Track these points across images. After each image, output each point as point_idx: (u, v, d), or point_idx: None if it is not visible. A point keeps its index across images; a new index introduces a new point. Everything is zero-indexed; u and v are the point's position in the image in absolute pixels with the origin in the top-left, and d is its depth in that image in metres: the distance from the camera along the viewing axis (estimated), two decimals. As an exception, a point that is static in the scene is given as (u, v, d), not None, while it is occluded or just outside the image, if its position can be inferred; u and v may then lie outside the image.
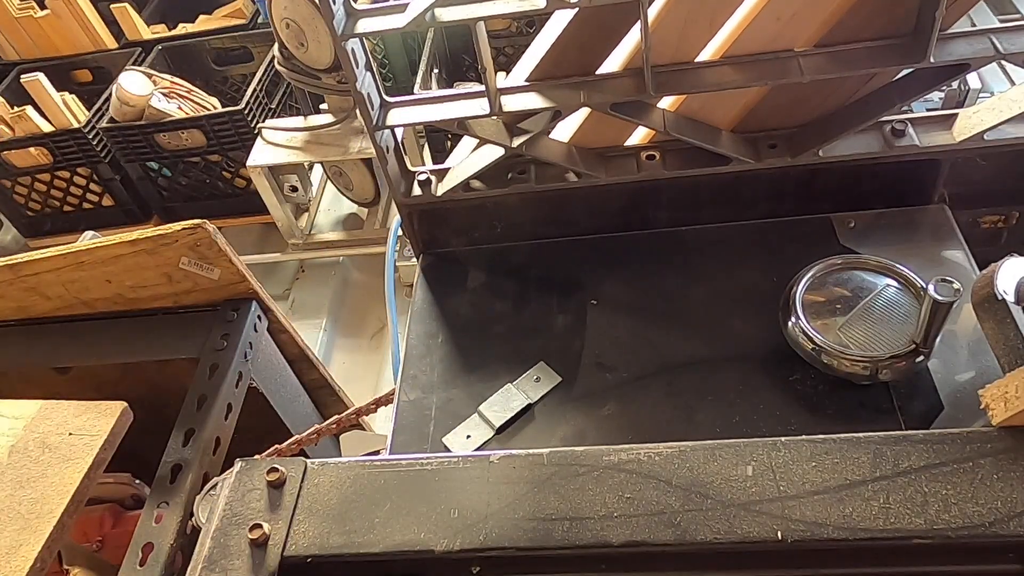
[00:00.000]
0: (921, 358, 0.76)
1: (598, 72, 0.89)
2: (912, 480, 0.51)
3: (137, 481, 1.37)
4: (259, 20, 2.55)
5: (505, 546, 0.52)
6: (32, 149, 2.26)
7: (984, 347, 0.71)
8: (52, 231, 2.49)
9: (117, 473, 1.30)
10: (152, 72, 2.25)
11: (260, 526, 0.54)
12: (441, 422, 0.84)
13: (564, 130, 0.97)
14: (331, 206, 2.38)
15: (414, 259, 1.08)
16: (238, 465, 0.59)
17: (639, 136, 0.99)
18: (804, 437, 0.55)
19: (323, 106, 2.09)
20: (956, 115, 0.91)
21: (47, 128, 2.24)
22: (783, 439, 0.55)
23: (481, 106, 0.88)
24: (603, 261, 1.00)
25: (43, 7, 2.55)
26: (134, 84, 2.12)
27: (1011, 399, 0.54)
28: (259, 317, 1.09)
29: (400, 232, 1.08)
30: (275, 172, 2.08)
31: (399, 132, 0.98)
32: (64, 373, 1.11)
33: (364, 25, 0.81)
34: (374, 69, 0.89)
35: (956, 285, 0.69)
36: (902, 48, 0.82)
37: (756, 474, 0.53)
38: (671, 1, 0.83)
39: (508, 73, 1.00)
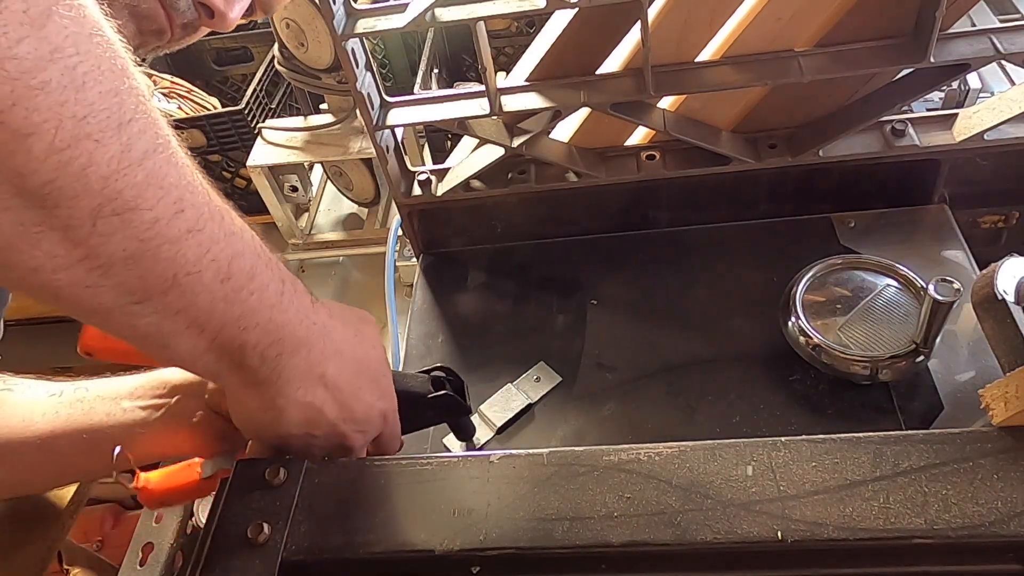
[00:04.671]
0: (921, 358, 0.76)
1: (598, 72, 0.89)
2: (912, 480, 0.51)
3: (137, 481, 1.36)
4: (259, 20, 2.54)
5: (505, 546, 0.52)
6: (32, 149, 2.25)
7: (984, 347, 0.71)
8: (52, 231, 2.49)
9: (117, 473, 1.30)
10: (152, 72, 2.25)
11: (260, 526, 0.54)
12: (441, 422, 0.84)
13: (564, 130, 0.97)
14: (331, 206, 2.37)
15: (414, 259, 1.08)
16: (238, 465, 0.59)
17: (639, 136, 0.99)
18: (804, 437, 0.55)
19: (323, 106, 2.09)
20: (956, 115, 0.91)
21: (47, 128, 2.23)
22: (783, 439, 0.55)
23: (481, 106, 0.88)
24: (603, 261, 1.00)
25: (43, 7, 2.54)
26: (134, 84, 2.12)
27: (1011, 399, 0.53)
28: (259, 317, 1.08)
29: (400, 232, 1.08)
30: (275, 172, 2.07)
31: (399, 132, 0.98)
32: (64, 373, 1.11)
33: (364, 25, 0.81)
34: (374, 69, 0.88)
35: (956, 285, 0.69)
36: (902, 48, 0.82)
37: (756, 474, 0.53)
38: (671, 1, 0.83)
39: (508, 73, 0.99)
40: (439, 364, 0.71)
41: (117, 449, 0.63)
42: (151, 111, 0.41)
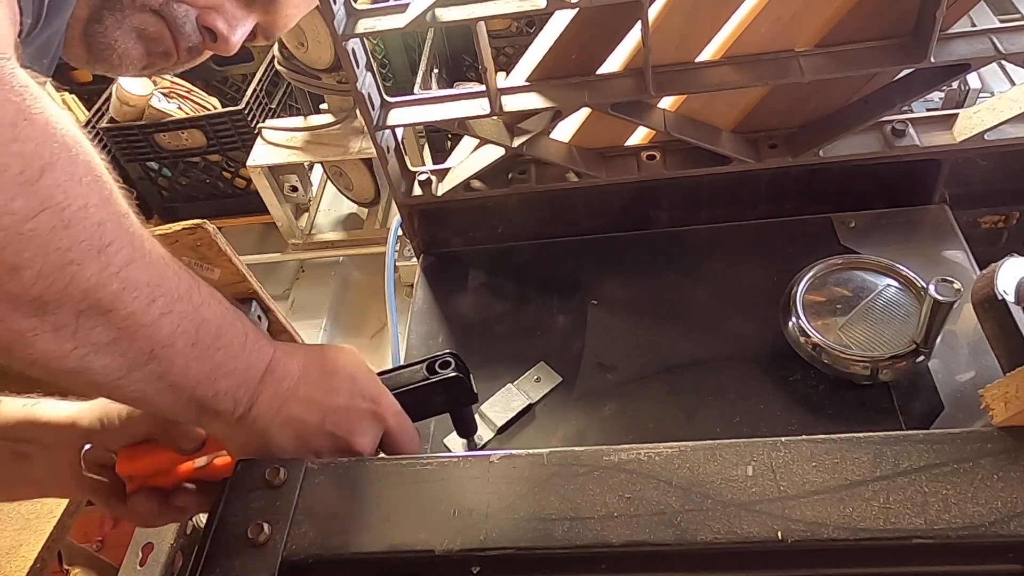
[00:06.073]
0: (921, 358, 0.76)
1: (599, 72, 0.89)
2: (912, 480, 0.51)
3: (137, 481, 1.36)
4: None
5: (505, 546, 0.52)
6: (32, 149, 2.25)
7: (984, 347, 0.71)
8: (52, 231, 2.48)
9: (117, 473, 1.30)
10: (152, 72, 2.25)
11: (260, 526, 0.54)
12: (441, 422, 0.84)
13: (564, 130, 0.97)
14: (331, 206, 2.37)
15: (414, 259, 1.08)
16: (238, 465, 0.59)
17: (639, 136, 0.99)
18: (804, 437, 0.55)
19: (323, 106, 2.09)
20: (956, 115, 0.91)
21: (47, 128, 2.23)
22: (783, 439, 0.55)
23: (481, 106, 0.88)
24: (603, 261, 1.00)
25: (43, 7, 2.54)
26: (134, 84, 2.12)
27: (1011, 399, 0.53)
28: (259, 317, 1.09)
29: (400, 232, 1.08)
30: (275, 172, 2.07)
31: (399, 132, 0.98)
32: None
33: (364, 25, 0.81)
34: (374, 69, 0.88)
35: (956, 285, 0.69)
36: (902, 48, 0.82)
37: (756, 474, 0.53)
38: (671, 1, 0.83)
39: (508, 73, 1.00)
40: (447, 351, 0.71)
41: (86, 447, 0.64)
42: (129, 227, 0.46)
